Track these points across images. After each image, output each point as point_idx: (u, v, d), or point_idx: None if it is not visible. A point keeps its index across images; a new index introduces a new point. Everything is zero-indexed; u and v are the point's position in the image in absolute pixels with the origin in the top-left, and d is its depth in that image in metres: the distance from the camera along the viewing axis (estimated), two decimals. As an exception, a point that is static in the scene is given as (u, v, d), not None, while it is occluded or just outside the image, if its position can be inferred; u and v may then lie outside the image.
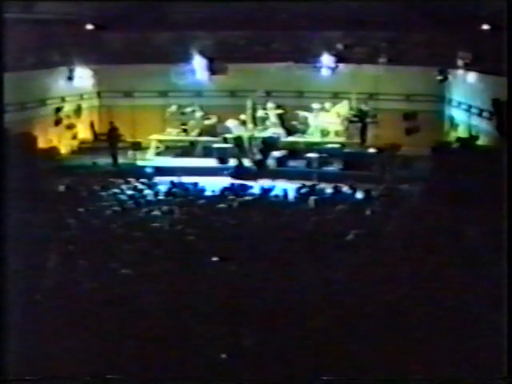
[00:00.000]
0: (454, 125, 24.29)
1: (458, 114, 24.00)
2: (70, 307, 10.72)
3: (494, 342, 8.68)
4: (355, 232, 14.98)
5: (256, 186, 20.42)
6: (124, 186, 19.90)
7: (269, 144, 24.21)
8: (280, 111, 25.92)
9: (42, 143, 22.89)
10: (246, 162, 23.31)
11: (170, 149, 25.27)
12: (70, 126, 25.35)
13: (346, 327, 10.13)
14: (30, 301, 10.65)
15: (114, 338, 9.84)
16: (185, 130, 26.02)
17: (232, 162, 23.40)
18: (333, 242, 14.25)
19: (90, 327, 10.07)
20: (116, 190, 19.32)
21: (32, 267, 11.90)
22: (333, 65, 25.13)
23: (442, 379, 8.54)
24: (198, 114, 26.05)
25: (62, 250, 13.32)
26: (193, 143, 25.33)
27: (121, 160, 23.63)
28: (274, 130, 25.44)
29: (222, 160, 23.58)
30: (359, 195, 19.14)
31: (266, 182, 20.87)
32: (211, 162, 23.63)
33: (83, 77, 25.75)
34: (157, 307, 10.87)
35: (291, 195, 19.30)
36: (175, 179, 20.74)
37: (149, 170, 22.71)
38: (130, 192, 19.27)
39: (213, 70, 25.49)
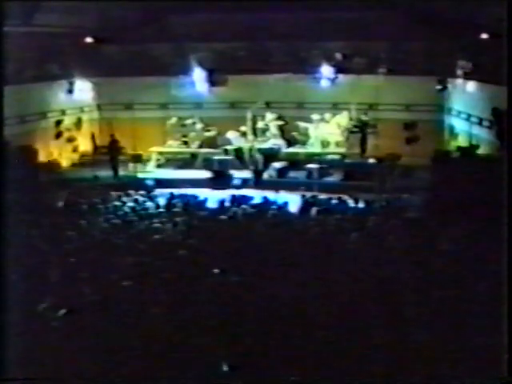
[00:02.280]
0: (454, 134, 24.29)
1: (457, 124, 24.01)
2: (71, 318, 10.72)
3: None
4: (356, 241, 15.00)
5: (257, 197, 20.41)
6: (125, 199, 19.90)
7: (269, 155, 24.23)
8: (280, 122, 25.96)
9: (42, 156, 22.90)
10: (247, 174, 23.30)
11: (170, 161, 25.30)
12: (71, 139, 25.37)
13: (346, 331, 10.13)
14: (31, 310, 10.65)
15: (115, 347, 9.85)
16: (185, 142, 26.08)
17: (233, 174, 23.41)
18: (334, 252, 14.26)
19: (91, 337, 10.08)
20: (117, 203, 19.32)
21: (33, 280, 11.90)
22: (332, 75, 25.17)
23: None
24: (199, 125, 26.10)
25: (62, 263, 13.32)
26: (193, 155, 25.36)
27: (121, 172, 23.64)
28: (274, 141, 25.48)
29: (223, 172, 23.58)
30: (360, 205, 19.15)
31: (266, 193, 20.84)
32: (212, 174, 23.62)
33: (83, 90, 25.84)
34: (158, 318, 10.86)
35: (292, 206, 19.28)
36: (176, 191, 20.75)
37: (150, 183, 22.70)
38: (130, 204, 19.27)
39: (213, 82, 25.55)
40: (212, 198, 20.03)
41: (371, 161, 23.56)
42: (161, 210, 18.91)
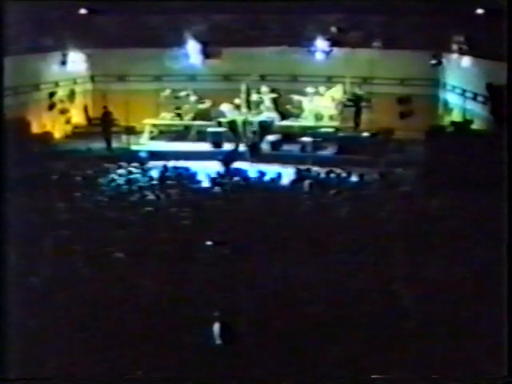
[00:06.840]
0: (448, 109, 24.26)
1: (452, 98, 23.98)
2: (65, 295, 10.75)
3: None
4: (349, 215, 15.03)
5: (250, 170, 20.41)
6: (118, 171, 19.88)
7: (263, 128, 24.18)
8: (274, 95, 25.88)
9: (35, 128, 22.81)
10: (241, 146, 23.27)
11: (163, 133, 25.25)
12: (64, 111, 25.24)
13: (343, 319, 10.13)
14: (29, 293, 10.66)
15: (108, 320, 9.89)
16: (179, 115, 25.98)
17: (226, 146, 23.38)
18: (327, 226, 14.28)
19: (86, 314, 10.11)
20: (110, 175, 19.31)
21: (26, 252, 11.91)
22: (327, 49, 25.09)
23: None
24: (192, 98, 25.99)
25: (55, 235, 13.32)
26: (187, 127, 25.31)
27: (115, 144, 23.56)
28: (268, 114, 25.39)
29: (216, 144, 23.58)
30: (353, 179, 19.17)
31: (260, 166, 20.83)
32: (205, 146, 23.61)
33: (76, 61, 25.65)
34: (150, 291, 10.90)
35: (285, 179, 19.30)
36: (169, 163, 20.73)
37: (143, 155, 22.65)
38: (124, 176, 19.25)
39: (207, 54, 25.47)
40: (205, 170, 20.01)
41: (365, 135, 23.57)
42: (154, 182, 18.91)
